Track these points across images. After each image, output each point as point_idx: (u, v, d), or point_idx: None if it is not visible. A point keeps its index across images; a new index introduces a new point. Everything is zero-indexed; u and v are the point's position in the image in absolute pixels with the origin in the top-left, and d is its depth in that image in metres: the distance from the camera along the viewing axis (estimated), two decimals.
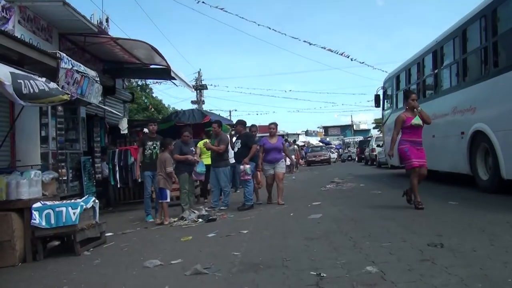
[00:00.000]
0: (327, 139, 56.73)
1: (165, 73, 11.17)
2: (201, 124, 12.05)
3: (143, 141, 7.95)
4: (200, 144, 11.24)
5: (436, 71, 9.34)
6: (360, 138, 41.19)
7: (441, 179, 10.02)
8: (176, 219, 7.23)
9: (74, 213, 5.25)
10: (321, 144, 39.09)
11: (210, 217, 7.01)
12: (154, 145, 7.84)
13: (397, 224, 5.05)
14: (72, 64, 6.96)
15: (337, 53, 17.82)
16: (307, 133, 59.73)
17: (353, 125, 67.62)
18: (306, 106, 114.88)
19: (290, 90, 70.58)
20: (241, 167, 8.13)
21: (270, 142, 8.23)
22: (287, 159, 11.31)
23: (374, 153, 21.11)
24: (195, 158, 8.13)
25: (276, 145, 8.22)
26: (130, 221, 8.07)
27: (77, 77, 7.16)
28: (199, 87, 28.69)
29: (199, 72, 29.95)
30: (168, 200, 7.35)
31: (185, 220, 7.06)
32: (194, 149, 7.95)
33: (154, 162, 7.54)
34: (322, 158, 29.95)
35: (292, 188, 12.26)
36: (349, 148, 41.19)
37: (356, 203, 7.37)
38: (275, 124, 8.40)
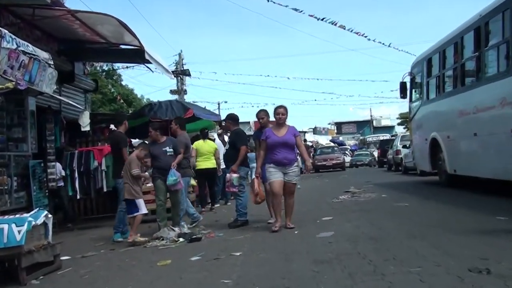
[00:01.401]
0: (340, 138, 56.99)
1: (137, 56, 11.11)
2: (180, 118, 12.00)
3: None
4: (198, 144, 11.23)
5: (479, 53, 9.33)
6: (386, 136, 40.96)
7: (484, 188, 10.03)
8: (148, 238, 7.19)
9: (19, 232, 5.17)
10: (332, 144, 39.02)
11: (194, 236, 6.98)
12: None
13: (428, 244, 5.03)
14: (17, 44, 6.90)
15: (351, 31, 17.84)
16: (315, 130, 59.90)
17: (372, 121, 67.89)
18: (314, 97, 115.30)
19: (294, 78, 70.66)
20: (227, 175, 8.09)
21: (277, 134, 7.04)
22: (300, 160, 10.32)
23: (399, 155, 21.11)
24: (169, 165, 7.83)
25: (286, 139, 7.01)
26: (92, 241, 8.01)
27: (23, 59, 7.10)
28: (180, 73, 28.65)
29: (180, 55, 29.94)
30: (143, 211, 7.32)
31: (163, 239, 7.02)
32: (170, 149, 7.78)
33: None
34: (335, 162, 29.44)
35: (296, 199, 12.20)
36: (368, 150, 41.12)
37: (377, 218, 7.36)
38: (284, 108, 7.22)
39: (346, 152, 40.09)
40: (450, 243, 4.97)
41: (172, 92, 29.54)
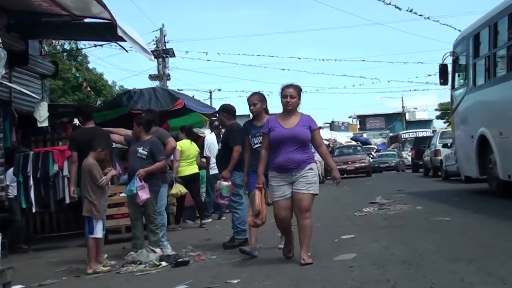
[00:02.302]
0: (365, 135, 56.98)
1: (107, 31, 11.12)
2: (167, 112, 12.01)
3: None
4: (184, 145, 11.24)
5: None
6: (427, 132, 40.34)
7: None
8: (121, 262, 7.19)
9: None
10: (354, 143, 38.61)
11: (180, 259, 6.98)
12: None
13: (476, 269, 5.02)
14: None
15: None
16: (332, 126, 59.93)
17: (405, 114, 67.95)
18: (331, 84, 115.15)
19: (306, 58, 70.40)
20: (217, 183, 8.09)
21: (284, 125, 6.32)
22: (318, 163, 9.62)
23: (438, 157, 21.12)
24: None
25: (296, 132, 6.24)
26: (52, 265, 7.99)
27: None
28: (162, 54, 28.62)
29: (161, 30, 29.87)
30: (97, 235, 7.20)
31: (141, 263, 7.03)
32: (143, 151, 7.79)
33: None
34: (358, 165, 29.09)
35: None
36: (396, 150, 40.81)
37: (410, 236, 7.35)
38: (295, 88, 6.43)
39: (372, 153, 39.98)
40: (505, 269, 4.95)
41: (151, 77, 29.56)
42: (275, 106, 7.70)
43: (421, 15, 22.44)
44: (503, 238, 6.63)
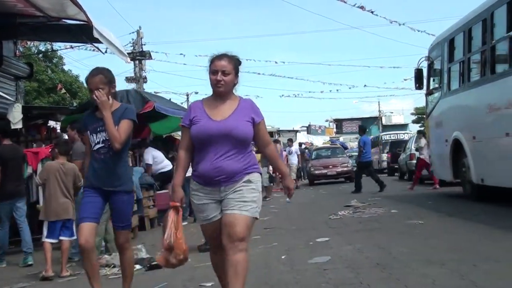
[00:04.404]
0: (341, 138, 57.22)
1: (83, 33, 11.05)
2: (140, 115, 11.93)
3: None
4: None
5: None
6: (407, 135, 40.16)
7: None
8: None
9: None
10: (333, 145, 37.23)
11: (154, 262, 6.92)
12: None
13: (449, 272, 5.06)
14: None
15: (355, 5, 17.96)
16: (309, 129, 60.12)
17: (381, 118, 68.42)
18: (309, 88, 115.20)
19: (283, 62, 70.77)
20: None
21: (212, 116, 4.34)
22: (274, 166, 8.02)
23: (414, 161, 21.26)
24: None
25: (232, 127, 4.26)
26: (24, 268, 8.00)
27: None
28: (138, 56, 28.51)
29: (138, 32, 29.74)
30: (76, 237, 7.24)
31: (114, 267, 7.00)
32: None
33: None
34: (341, 169, 25.64)
35: (285, 215, 12.25)
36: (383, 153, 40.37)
37: (384, 239, 7.40)
38: (230, 60, 4.44)
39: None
40: (477, 271, 5.00)
41: (128, 79, 29.38)
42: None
43: (396, 21, 22.59)
44: (475, 241, 6.70)
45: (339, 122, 72.34)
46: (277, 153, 4.65)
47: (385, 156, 35.54)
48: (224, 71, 4.32)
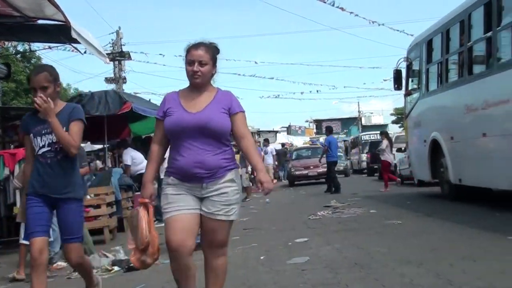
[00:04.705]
0: (321, 139, 57.26)
1: (61, 33, 10.93)
2: (117, 116, 11.88)
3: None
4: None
5: (491, 33, 9.49)
6: (389, 134, 40.00)
7: (497, 201, 10.28)
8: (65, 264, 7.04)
9: None
10: (313, 145, 36.79)
11: (132, 264, 6.88)
12: None
13: (426, 271, 5.09)
14: None
15: (333, 5, 17.95)
16: (289, 130, 60.24)
17: (361, 118, 68.75)
18: (289, 89, 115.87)
19: (263, 62, 70.62)
20: None
21: (187, 108, 4.11)
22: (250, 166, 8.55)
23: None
24: None
25: (208, 119, 4.03)
26: (0, 271, 7.91)
27: None
28: (118, 56, 28.36)
29: (117, 33, 29.58)
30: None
31: (93, 269, 6.90)
32: None
33: None
34: (322, 170, 23.14)
35: (264, 216, 12.24)
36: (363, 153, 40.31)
37: (363, 239, 7.42)
38: (208, 49, 4.17)
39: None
40: (454, 270, 5.03)
41: (107, 80, 29.20)
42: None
43: (375, 22, 22.64)
44: (452, 241, 6.74)
45: (319, 123, 72.52)
46: (254, 148, 4.22)
47: (364, 156, 35.52)
48: (201, 61, 4.07)
